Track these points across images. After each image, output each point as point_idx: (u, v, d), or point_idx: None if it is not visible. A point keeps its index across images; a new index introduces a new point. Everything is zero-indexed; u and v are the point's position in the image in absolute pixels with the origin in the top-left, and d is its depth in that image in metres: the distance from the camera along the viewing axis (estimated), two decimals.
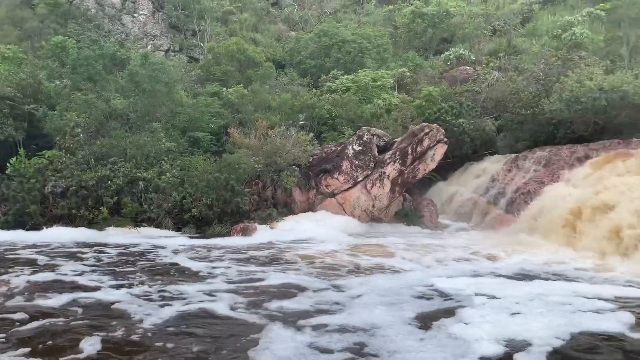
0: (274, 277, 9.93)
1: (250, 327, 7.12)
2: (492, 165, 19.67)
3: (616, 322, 7.30)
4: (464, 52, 27.67)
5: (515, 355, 6.15)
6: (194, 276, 10.16)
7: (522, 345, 6.45)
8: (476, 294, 8.66)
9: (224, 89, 22.66)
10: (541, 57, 21.84)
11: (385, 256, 12.13)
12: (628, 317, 7.46)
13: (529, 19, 32.39)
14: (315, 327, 7.07)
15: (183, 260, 11.56)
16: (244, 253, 12.55)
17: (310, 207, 16.68)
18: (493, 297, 8.50)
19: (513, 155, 19.24)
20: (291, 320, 7.35)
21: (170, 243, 13.78)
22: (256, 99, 21.46)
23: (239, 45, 25.66)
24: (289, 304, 8.16)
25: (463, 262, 11.55)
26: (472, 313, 7.64)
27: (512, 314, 7.66)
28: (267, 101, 21.33)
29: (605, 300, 8.38)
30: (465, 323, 7.21)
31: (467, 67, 26.35)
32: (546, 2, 33.29)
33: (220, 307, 7.97)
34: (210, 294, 8.72)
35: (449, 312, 7.78)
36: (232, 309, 7.92)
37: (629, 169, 14.40)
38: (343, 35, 27.85)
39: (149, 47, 28.56)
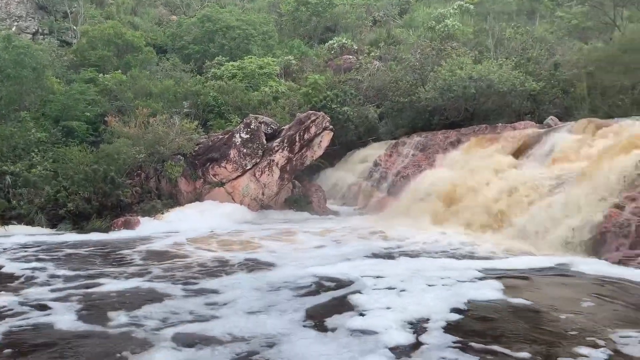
0: (123, 281, 8.77)
1: (103, 344, 5.97)
2: (375, 151, 20.53)
3: (492, 290, 7.96)
4: (347, 42, 28.41)
5: (422, 338, 6.10)
6: (13, 282, 8.77)
7: (424, 324, 6.50)
8: (362, 276, 8.71)
9: (101, 75, 21.36)
10: (417, 48, 23.06)
11: (270, 244, 11.89)
12: (500, 285, 8.18)
13: (407, 10, 34.01)
14: (187, 339, 6.03)
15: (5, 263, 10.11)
16: (104, 248, 11.61)
17: (198, 197, 16.32)
18: (378, 277, 8.64)
19: (393, 141, 20.22)
20: (154, 333, 6.29)
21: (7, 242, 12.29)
22: (136, 85, 20.48)
23: (116, 29, 24.24)
24: (152, 311, 7.07)
25: (346, 246, 11.76)
26: (365, 300, 7.44)
27: (401, 293, 7.79)
28: (148, 88, 20.43)
29: (479, 271, 9.11)
30: (362, 314, 6.87)
31: (351, 56, 27.13)
32: None
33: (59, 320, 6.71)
34: (38, 305, 7.37)
35: (342, 304, 7.45)
36: (70, 322, 6.65)
37: (495, 151, 15.77)
38: (227, 20, 27.34)
39: (13, 29, 26.02)
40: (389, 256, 10.69)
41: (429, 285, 8.22)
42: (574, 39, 24.86)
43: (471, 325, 6.66)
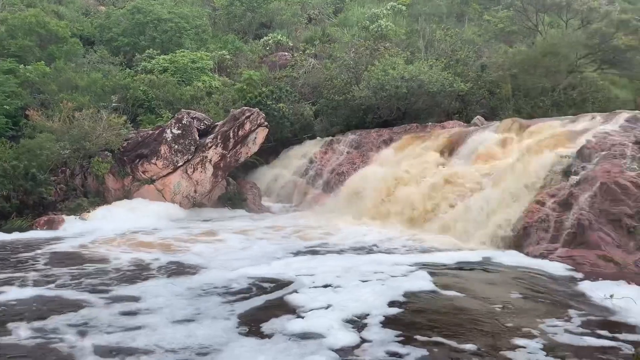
0: (28, 288, 7.95)
1: None
2: (310, 148, 20.60)
3: (426, 283, 8.26)
4: (282, 38, 28.30)
5: (365, 335, 6.11)
6: None
7: (365, 321, 6.53)
8: (297, 275, 8.61)
9: (22, 66, 20.13)
10: (352, 47, 23.33)
11: (199, 244, 11.39)
12: (432, 278, 8.48)
13: (341, 9, 34.32)
14: (109, 352, 5.60)
15: None
16: (5, 250, 10.74)
17: (126, 195, 15.72)
18: (313, 275, 8.61)
19: (328, 139, 20.37)
20: (71, 346, 5.78)
21: None
22: (61, 78, 19.45)
23: (38, 17, 22.88)
24: (65, 322, 6.43)
25: (280, 244, 11.66)
26: (303, 300, 7.27)
27: (338, 290, 7.80)
28: (73, 81, 19.45)
29: (411, 265, 9.41)
30: (301, 316, 6.65)
31: (286, 53, 27.06)
32: None
33: None
34: None
35: (279, 306, 7.16)
36: None
37: (425, 150, 16.23)
38: (159, 13, 26.49)
39: None
40: (323, 253, 10.75)
41: (364, 281, 8.35)
42: (500, 42, 25.97)
43: (411, 318, 6.82)
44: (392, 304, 7.22)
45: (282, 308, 7.08)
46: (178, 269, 9.33)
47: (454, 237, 11.95)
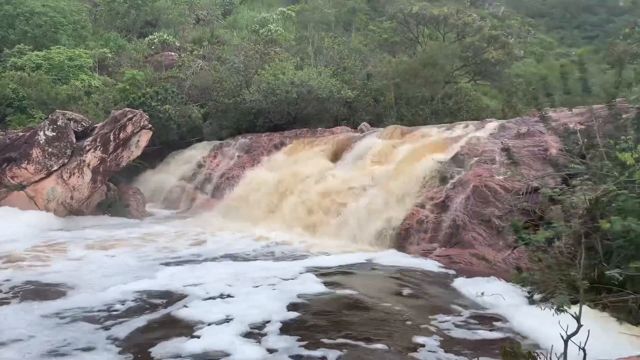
0: None
1: None
2: (199, 152, 20.10)
3: (319, 286, 8.37)
4: (168, 38, 27.38)
5: (270, 344, 5.87)
6: None
7: (267, 329, 6.32)
8: (185, 286, 8.13)
9: None
10: (241, 50, 23.16)
11: (68, 257, 10.28)
12: (325, 280, 8.64)
13: (230, 11, 33.97)
14: None
15: None
16: None
17: None
18: (202, 284, 8.19)
19: (218, 142, 20.02)
20: None
21: None
22: None
23: None
24: None
25: (164, 252, 11.10)
26: (196, 315, 6.77)
27: (232, 299, 7.49)
28: None
29: (303, 269, 9.45)
30: (196, 336, 6.04)
31: (172, 53, 26.21)
32: None
33: None
34: None
35: (170, 325, 6.47)
36: None
37: (315, 154, 16.49)
38: (31, 5, 24.44)
39: None
40: (211, 260, 10.48)
41: (256, 287, 8.22)
42: (384, 51, 27.20)
43: (313, 321, 6.82)
44: (290, 307, 7.19)
45: (174, 327, 6.43)
46: (40, 290, 8.06)
47: (342, 240, 12.26)
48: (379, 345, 5.90)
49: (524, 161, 10.74)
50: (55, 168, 14.91)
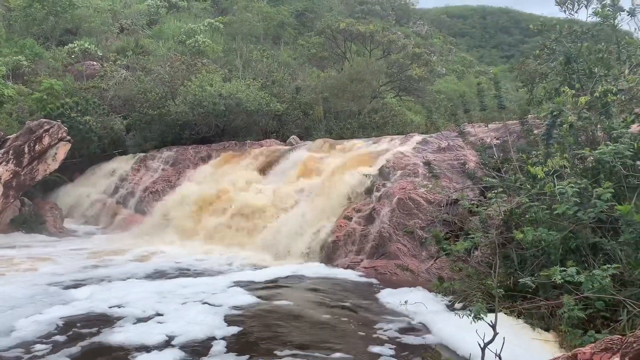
0: None
1: None
2: (121, 164, 19.40)
3: (249, 296, 8.41)
4: (90, 47, 26.33)
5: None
6: None
7: (214, 348, 6.12)
8: (111, 307, 7.61)
9: None
10: (167, 60, 22.67)
11: None
12: (253, 292, 8.68)
13: (156, 21, 33.20)
14: None
15: None
16: None
17: None
18: (128, 305, 7.75)
19: (142, 155, 19.40)
20: None
21: None
22: None
23: None
24: None
25: (82, 271, 10.50)
26: (134, 338, 6.31)
27: (166, 318, 7.17)
28: None
29: (229, 283, 9.37)
30: None
31: (94, 63, 25.23)
32: (172, 8, 34.73)
33: None
34: None
35: (105, 353, 5.97)
36: None
37: (243, 167, 16.35)
38: None
39: None
40: (136, 278, 10.05)
41: (185, 303, 7.97)
42: (313, 66, 27.55)
43: (258, 334, 6.71)
44: (229, 322, 7.06)
45: (111, 356, 5.91)
46: None
47: (271, 254, 12.16)
48: (336, 355, 5.98)
49: (444, 174, 11.17)
50: None
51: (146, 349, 6.07)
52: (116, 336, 6.47)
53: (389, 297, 8.61)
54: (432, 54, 31.74)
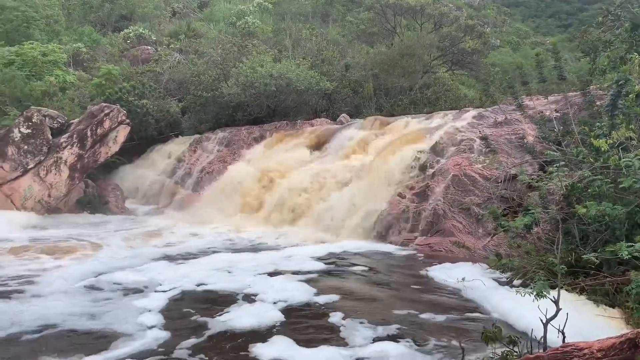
0: None
1: None
2: (178, 146, 19.92)
3: (309, 264, 9.02)
4: (144, 32, 27.01)
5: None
6: None
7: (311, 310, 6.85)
8: (199, 284, 8.05)
9: None
10: (219, 43, 22.94)
11: (41, 257, 9.95)
12: (311, 266, 9.10)
13: (207, 4, 33.60)
14: None
15: None
16: None
17: None
18: (208, 279, 8.31)
19: (197, 137, 19.85)
20: None
21: None
22: None
23: None
24: None
25: (146, 248, 10.97)
26: (239, 314, 6.73)
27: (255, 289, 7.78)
28: None
29: (289, 258, 9.79)
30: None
31: (149, 47, 25.89)
32: None
33: None
34: None
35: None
36: None
37: (295, 147, 16.49)
38: (1, 0, 23.93)
39: None
40: (194, 253, 10.41)
41: (255, 275, 8.50)
42: (362, 42, 27.21)
43: (341, 303, 7.22)
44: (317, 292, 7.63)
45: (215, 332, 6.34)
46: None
47: (324, 231, 12.29)
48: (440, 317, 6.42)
49: (502, 149, 10.90)
50: (32, 166, 14.67)
51: (256, 316, 6.57)
52: (224, 316, 6.71)
53: (444, 273, 8.55)
54: (485, 26, 30.72)
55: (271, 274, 8.64)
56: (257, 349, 5.63)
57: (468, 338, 5.69)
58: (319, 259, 9.75)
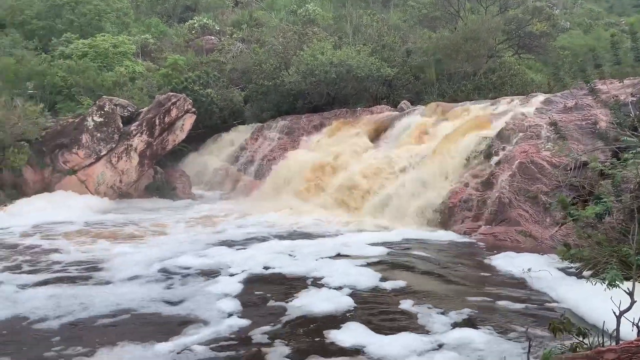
0: None
1: None
2: (241, 134, 20.36)
3: (370, 250, 9.13)
4: (208, 22, 27.63)
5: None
6: None
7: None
8: (266, 268, 8.34)
9: None
10: (280, 31, 23.13)
11: (128, 239, 10.75)
12: (373, 252, 9.14)
13: None
14: None
15: None
16: None
17: (47, 187, 14.93)
18: (273, 262, 8.56)
19: (259, 125, 20.21)
20: None
21: None
22: None
23: None
24: None
25: (212, 233, 11.33)
26: (310, 296, 6.96)
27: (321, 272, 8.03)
28: None
29: (349, 244, 9.88)
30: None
31: (212, 37, 26.46)
32: None
33: None
34: None
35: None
36: None
37: (355, 134, 16.46)
38: None
39: None
40: (264, 238, 10.66)
41: (317, 260, 8.66)
42: (424, 27, 26.62)
43: (410, 288, 7.35)
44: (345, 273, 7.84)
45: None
46: (101, 264, 8.65)
47: (384, 219, 12.26)
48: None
49: (571, 135, 10.45)
50: (104, 153, 15.44)
51: (328, 302, 6.70)
52: (297, 301, 6.83)
53: (508, 263, 8.38)
54: (554, 7, 29.35)
55: (333, 259, 8.77)
56: (334, 335, 5.67)
57: (535, 327, 5.60)
58: (379, 245, 9.77)
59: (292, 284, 7.55)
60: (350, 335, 5.64)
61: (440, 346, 5.35)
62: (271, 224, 12.16)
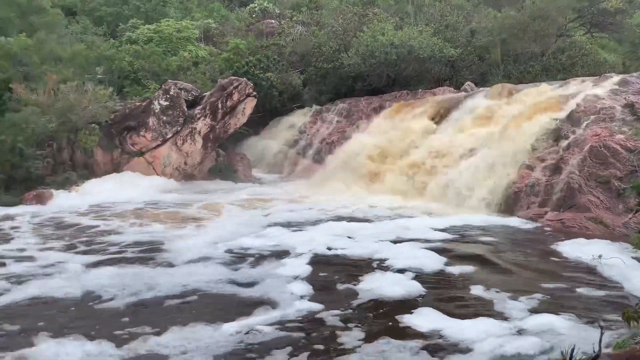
0: None
1: None
2: (300, 118, 20.45)
3: (432, 234, 9.11)
4: (268, 5, 27.78)
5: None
6: None
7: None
8: (330, 249, 8.44)
9: (3, 37, 19.61)
10: (340, 13, 22.95)
11: (191, 220, 11.05)
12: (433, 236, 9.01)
13: None
14: None
15: None
16: None
17: (116, 168, 15.59)
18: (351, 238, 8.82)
19: (318, 108, 20.21)
20: None
21: None
22: (43, 50, 19.00)
23: None
24: None
25: (270, 214, 11.47)
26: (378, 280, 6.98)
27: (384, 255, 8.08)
28: (56, 52, 19.02)
29: (410, 227, 9.82)
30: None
31: (272, 21, 26.58)
32: None
33: None
34: None
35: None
36: None
37: (416, 117, 16.16)
38: None
39: None
40: (322, 220, 10.73)
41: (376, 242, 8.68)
42: (489, 6, 25.69)
43: (477, 274, 7.28)
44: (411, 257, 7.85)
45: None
46: (179, 240, 9.05)
47: (446, 203, 12.03)
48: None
49: None
50: (170, 135, 15.92)
51: (397, 285, 6.72)
52: (365, 284, 6.85)
53: (577, 249, 8.09)
54: None
55: (394, 242, 8.70)
56: (408, 319, 5.64)
57: (610, 314, 5.46)
58: (441, 230, 9.62)
59: (357, 266, 7.58)
60: (425, 319, 5.59)
61: (520, 332, 5.24)
62: (328, 207, 12.17)
